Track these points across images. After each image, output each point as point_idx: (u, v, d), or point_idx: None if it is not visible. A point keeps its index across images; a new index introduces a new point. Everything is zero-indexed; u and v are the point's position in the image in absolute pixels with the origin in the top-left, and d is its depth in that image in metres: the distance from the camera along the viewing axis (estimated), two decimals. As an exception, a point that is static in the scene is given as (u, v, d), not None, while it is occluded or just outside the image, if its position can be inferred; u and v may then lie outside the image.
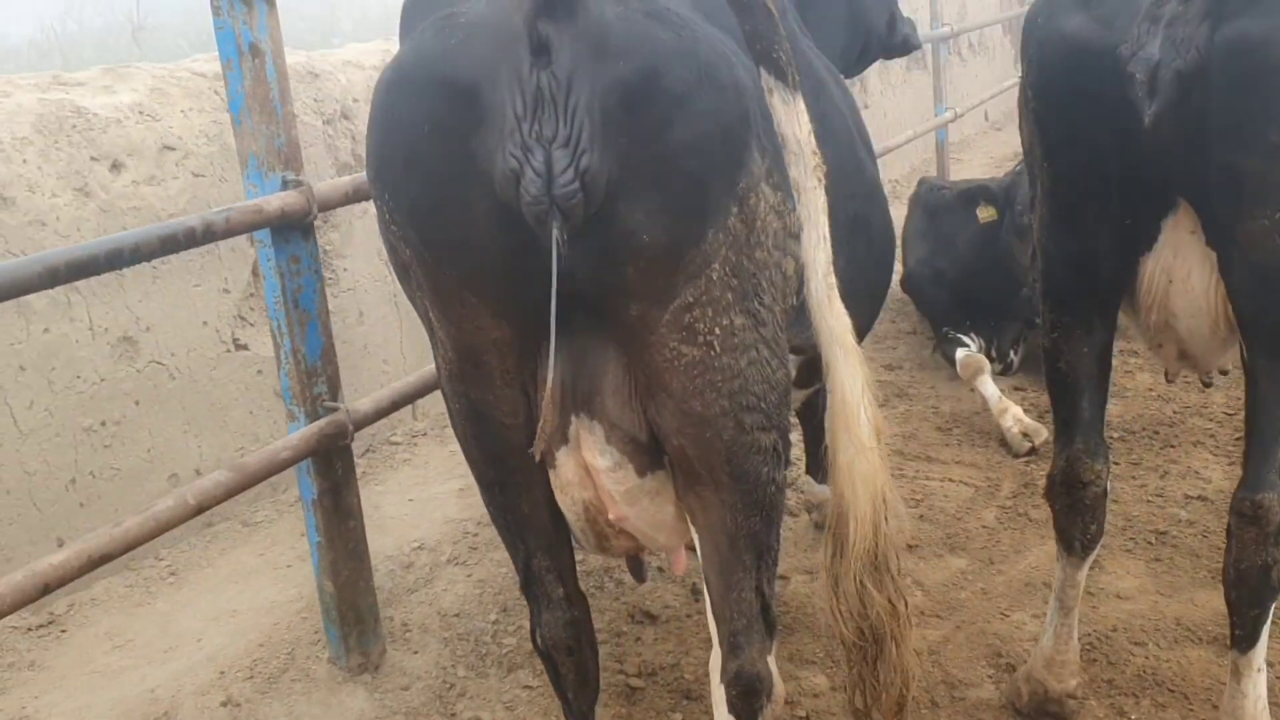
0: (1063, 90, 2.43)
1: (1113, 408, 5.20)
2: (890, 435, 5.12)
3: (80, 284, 3.63)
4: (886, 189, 10.00)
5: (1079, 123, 2.42)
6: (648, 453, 2.17)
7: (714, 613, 2.27)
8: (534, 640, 2.47)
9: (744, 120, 1.98)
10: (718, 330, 2.01)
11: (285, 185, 2.92)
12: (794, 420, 4.94)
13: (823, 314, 1.95)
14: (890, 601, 2.05)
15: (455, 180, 1.93)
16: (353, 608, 3.25)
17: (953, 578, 3.92)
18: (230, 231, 2.74)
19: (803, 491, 4.28)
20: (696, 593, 3.86)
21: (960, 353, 5.49)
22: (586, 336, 2.09)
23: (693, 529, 2.26)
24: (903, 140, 7.40)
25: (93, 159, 3.70)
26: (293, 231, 2.95)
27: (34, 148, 3.53)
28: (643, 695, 3.33)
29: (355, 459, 4.78)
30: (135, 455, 3.87)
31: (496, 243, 1.96)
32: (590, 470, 2.19)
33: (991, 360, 5.52)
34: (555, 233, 1.86)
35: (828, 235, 1.92)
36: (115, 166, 3.78)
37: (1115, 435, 4.92)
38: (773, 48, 1.78)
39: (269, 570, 3.84)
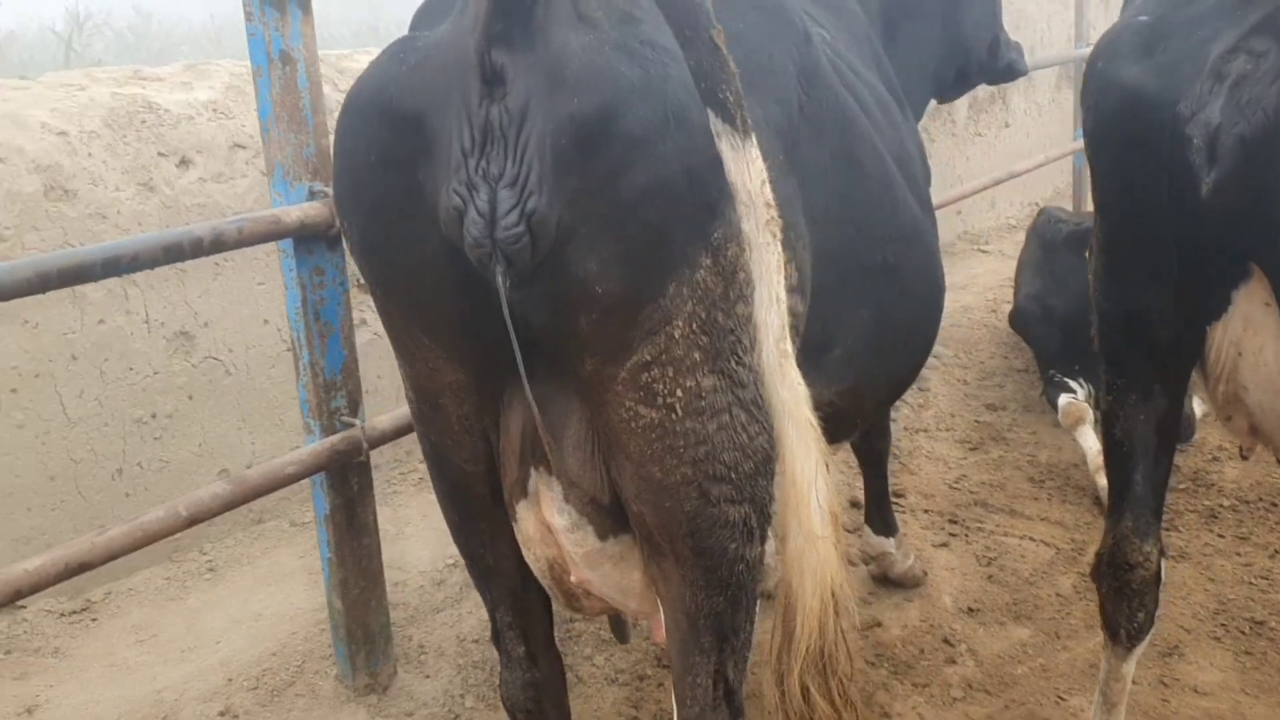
0: (1118, 142, 2.16)
1: (1229, 472, 4.76)
2: (976, 483, 4.82)
3: (138, 277, 3.67)
4: (1023, 213, 9.47)
5: (1134, 179, 2.14)
6: (610, 515, 2.01)
7: (674, 692, 2.10)
8: (501, 694, 2.35)
9: (720, 165, 1.79)
10: (680, 392, 1.83)
11: (312, 195, 2.87)
12: (849, 467, 4.72)
13: (774, 384, 1.76)
14: (835, 709, 1.84)
15: (402, 215, 1.81)
16: (362, 626, 3.19)
17: (1011, 649, 3.62)
18: (243, 242, 2.69)
19: (864, 542, 4.02)
20: (733, 639, 3.67)
21: (1064, 399, 5.12)
22: (547, 386, 1.94)
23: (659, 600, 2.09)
24: (1032, 165, 6.98)
25: (160, 154, 3.74)
26: (317, 243, 2.89)
27: (101, 141, 3.58)
28: (652, 747, 3.18)
29: (412, 467, 4.79)
30: (186, 449, 3.91)
31: (446, 283, 1.83)
32: (550, 528, 2.05)
33: (1097, 410, 5.13)
34: (500, 278, 1.72)
35: (782, 297, 1.73)
36: (183, 163, 3.81)
37: (1225, 504, 4.50)
38: (718, 87, 1.60)
39: (304, 574, 3.82)
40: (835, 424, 2.56)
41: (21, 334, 3.42)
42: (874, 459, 3.79)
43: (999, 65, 4.02)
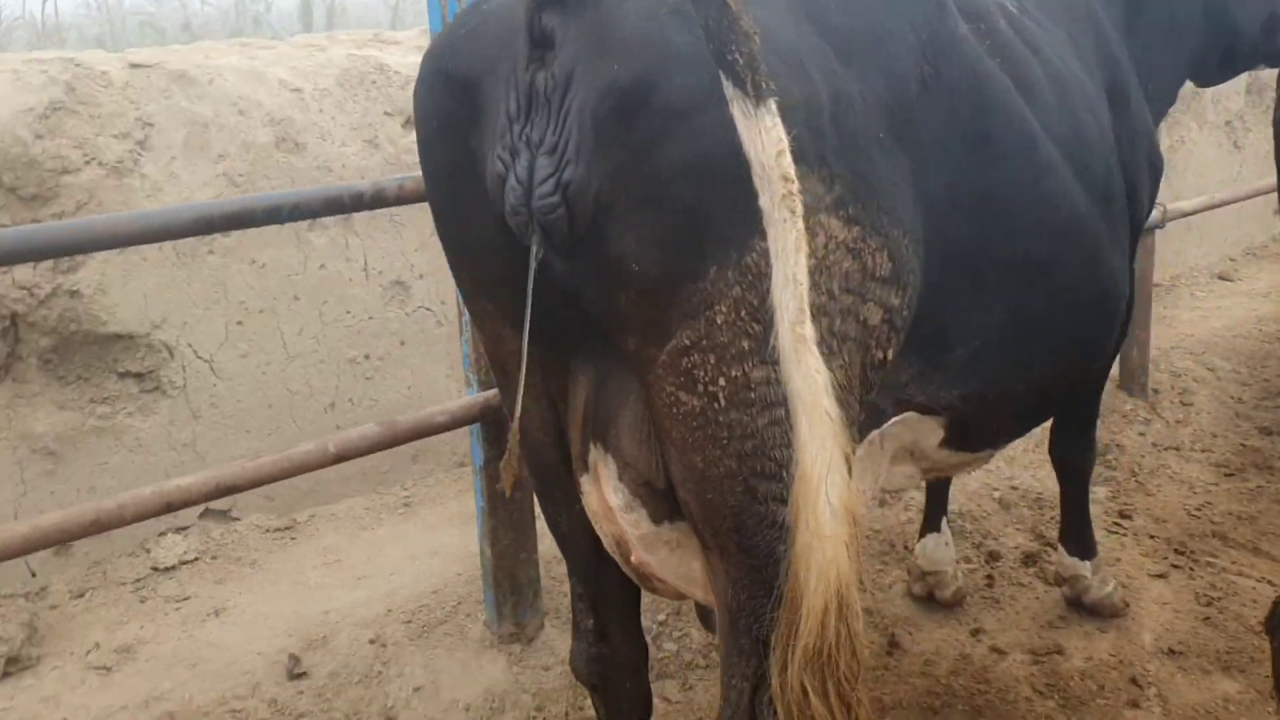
0: None
1: None
2: (1221, 513, 4.30)
3: (359, 228, 3.93)
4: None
5: None
6: (665, 500, 1.95)
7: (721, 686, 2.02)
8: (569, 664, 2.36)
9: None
10: (723, 381, 1.74)
11: (482, 157, 2.94)
12: (1019, 485, 4.33)
13: (789, 370, 1.63)
14: (830, 709, 1.69)
15: (459, 180, 1.83)
16: (510, 577, 3.29)
17: (1211, 703, 3.21)
18: (403, 199, 2.81)
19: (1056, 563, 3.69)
20: (895, 645, 3.49)
21: (1348, 429, 4.46)
22: (605, 362, 1.92)
23: (712, 591, 2.01)
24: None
25: (386, 113, 3.97)
26: (482, 203, 2.97)
27: (332, 99, 3.85)
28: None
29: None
30: (395, 390, 4.17)
31: (502, 251, 1.83)
32: (609, 506, 2.02)
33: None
34: (534, 247, 1.70)
35: (800, 278, 1.59)
36: (409, 122, 4.03)
37: None
38: (727, 48, 1.48)
39: (485, 521, 3.98)
40: (964, 430, 2.37)
41: (249, 272, 3.75)
42: (1070, 473, 3.46)
43: (1278, 45, 3.51)
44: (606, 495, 1.99)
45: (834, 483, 1.61)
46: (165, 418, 3.68)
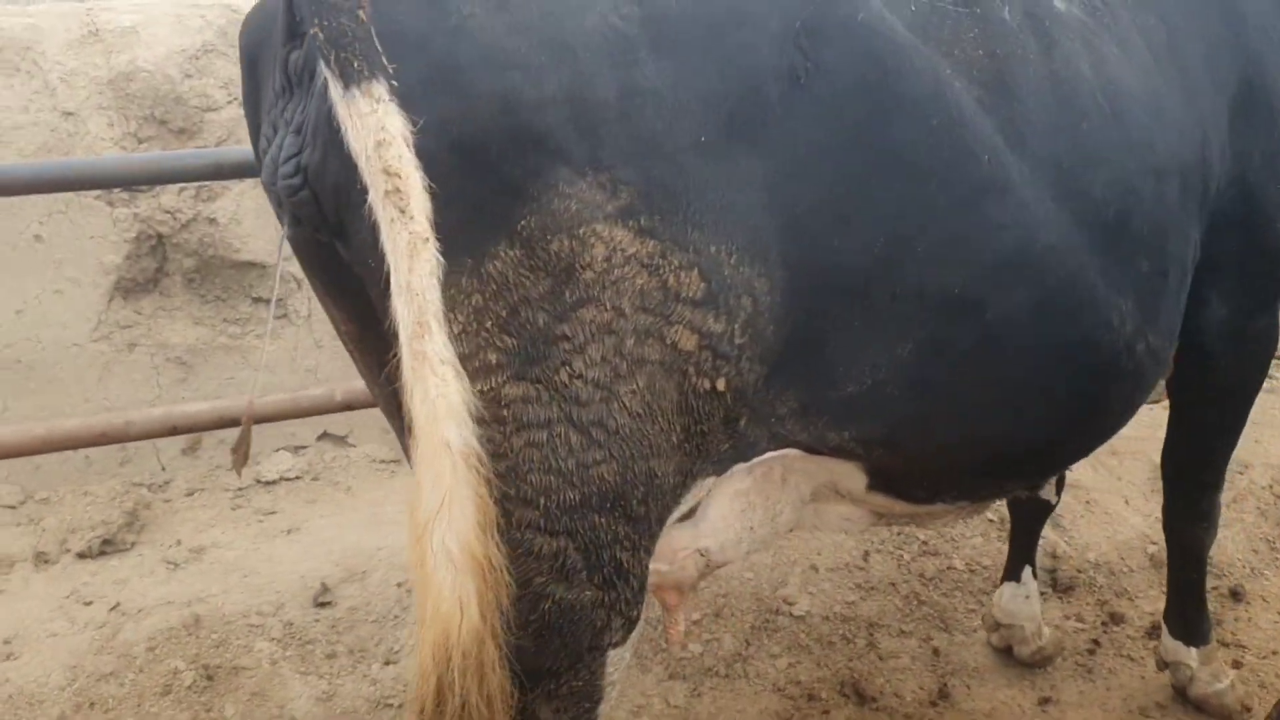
0: None
1: None
2: None
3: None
4: None
5: None
6: (464, 505, 1.85)
7: None
8: None
9: (522, 140, 1.51)
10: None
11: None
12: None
13: (405, 391, 1.48)
14: None
15: (259, 155, 1.80)
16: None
17: None
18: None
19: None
20: (944, 695, 3.13)
21: None
22: None
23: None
24: None
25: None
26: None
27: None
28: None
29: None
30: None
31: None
32: (428, 503, 1.94)
33: None
34: (284, 228, 1.67)
35: (417, 286, 1.42)
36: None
37: None
38: (310, 20, 1.37)
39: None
40: (890, 478, 2.06)
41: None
42: (1178, 545, 2.90)
43: None
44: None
45: (453, 524, 1.44)
46: (290, 343, 3.96)
